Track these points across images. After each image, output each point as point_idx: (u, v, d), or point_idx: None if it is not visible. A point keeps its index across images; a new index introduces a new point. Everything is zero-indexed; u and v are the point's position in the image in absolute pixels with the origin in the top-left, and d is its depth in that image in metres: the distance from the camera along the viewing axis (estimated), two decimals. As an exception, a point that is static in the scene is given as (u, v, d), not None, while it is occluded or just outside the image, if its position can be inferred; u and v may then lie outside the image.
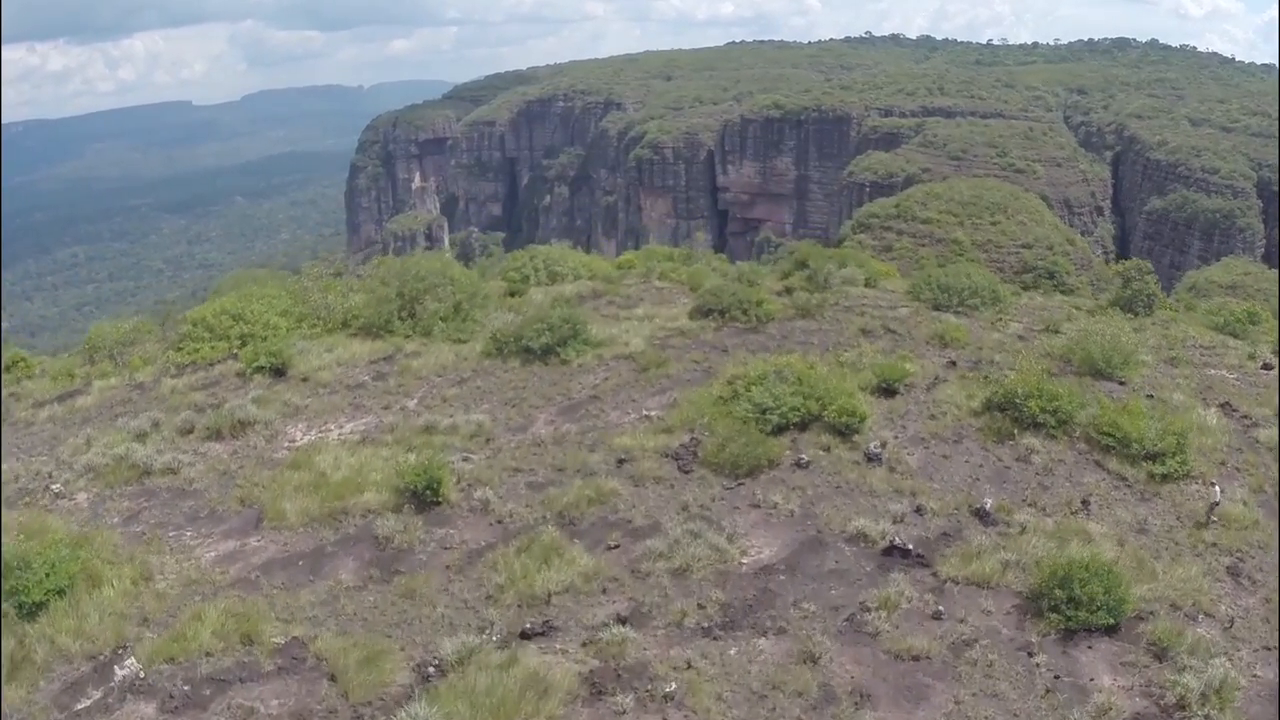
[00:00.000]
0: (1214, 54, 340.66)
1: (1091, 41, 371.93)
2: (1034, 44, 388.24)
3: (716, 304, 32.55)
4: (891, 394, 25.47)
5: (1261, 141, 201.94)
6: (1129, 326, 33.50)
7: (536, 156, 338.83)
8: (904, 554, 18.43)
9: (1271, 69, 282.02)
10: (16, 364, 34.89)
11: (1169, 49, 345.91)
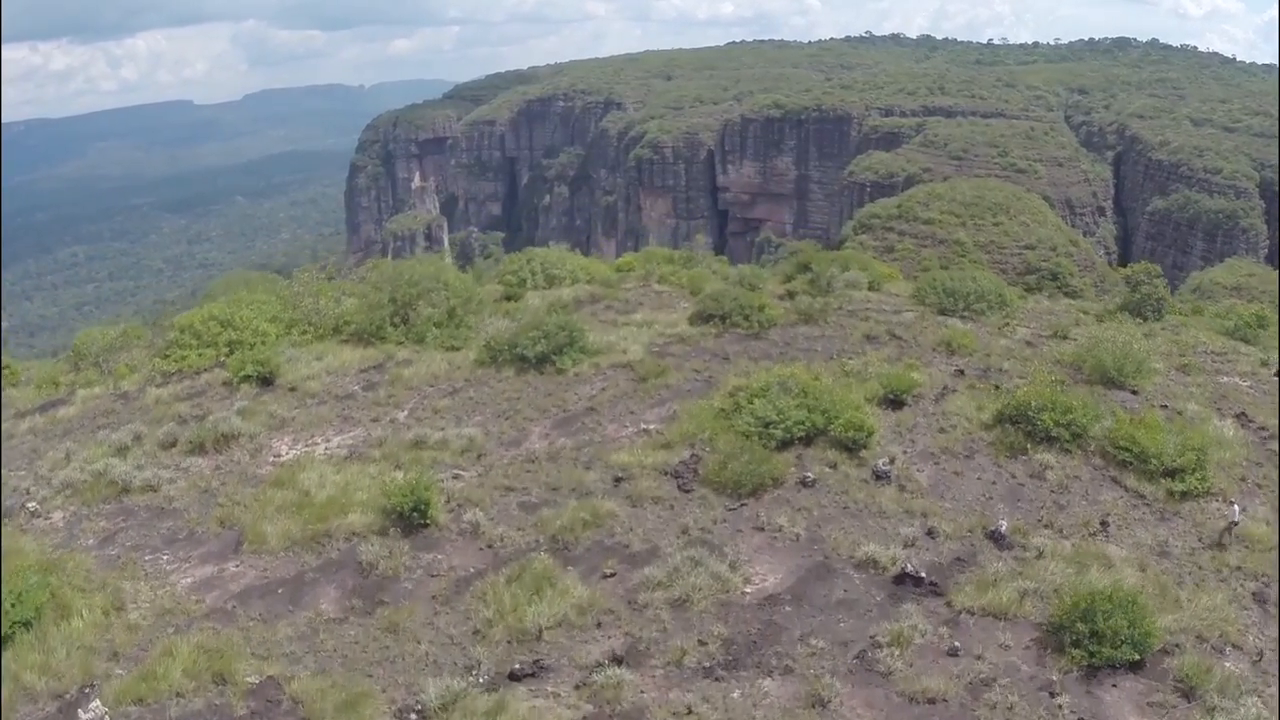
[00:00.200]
0: (1215, 54, 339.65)
1: (1092, 41, 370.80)
2: (1034, 44, 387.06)
3: (717, 309, 31.76)
4: (899, 405, 24.63)
5: (1264, 142, 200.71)
6: (1139, 332, 32.67)
7: (536, 156, 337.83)
8: (916, 582, 17.58)
9: (1272, 69, 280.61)
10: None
11: (1170, 49, 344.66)
